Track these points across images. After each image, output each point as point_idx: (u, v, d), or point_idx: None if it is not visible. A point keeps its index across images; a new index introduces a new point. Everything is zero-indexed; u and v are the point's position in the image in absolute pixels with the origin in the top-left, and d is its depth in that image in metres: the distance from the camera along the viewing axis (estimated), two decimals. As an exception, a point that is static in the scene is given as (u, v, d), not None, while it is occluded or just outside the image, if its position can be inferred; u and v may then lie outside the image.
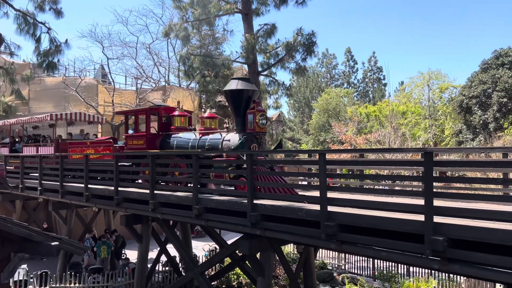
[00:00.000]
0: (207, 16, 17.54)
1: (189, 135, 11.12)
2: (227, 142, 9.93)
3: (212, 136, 10.50)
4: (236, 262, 12.07)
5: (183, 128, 11.80)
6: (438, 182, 6.55)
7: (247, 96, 9.78)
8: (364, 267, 17.07)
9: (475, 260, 5.23)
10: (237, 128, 10.05)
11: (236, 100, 9.89)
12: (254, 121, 9.59)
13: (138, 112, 12.75)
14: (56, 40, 15.94)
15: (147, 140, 11.85)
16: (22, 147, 18.26)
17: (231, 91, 9.86)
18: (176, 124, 11.78)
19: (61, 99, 27.05)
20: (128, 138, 12.48)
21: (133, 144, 12.25)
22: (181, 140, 11.17)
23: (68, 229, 15.34)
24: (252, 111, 9.63)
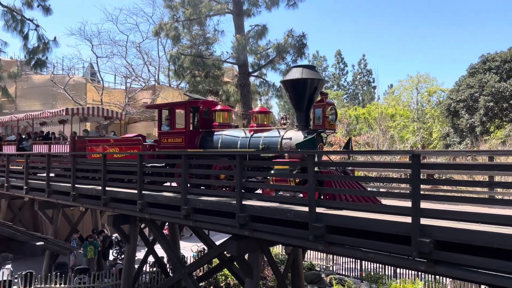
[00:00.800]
0: (198, 16, 17.50)
1: (238, 133, 9.92)
2: (288, 141, 8.70)
3: (268, 134, 9.28)
4: (224, 263, 12.04)
5: (226, 124, 10.69)
6: (425, 184, 6.60)
7: (313, 87, 8.51)
8: (352, 268, 17.17)
9: (461, 262, 5.28)
10: (299, 124, 8.86)
11: (299, 91, 8.60)
12: (323, 116, 8.39)
13: (176, 106, 11.28)
14: (44, 38, 15.77)
15: (187, 137, 10.51)
16: (31, 145, 16.64)
17: (292, 81, 8.55)
18: (219, 120, 10.65)
19: (48, 97, 26.73)
20: (163, 135, 11.09)
21: (168, 142, 10.92)
22: (228, 138, 9.93)
23: (54, 229, 15.13)
24: (320, 104, 8.46)
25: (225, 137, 9.99)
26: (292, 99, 8.87)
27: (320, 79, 8.56)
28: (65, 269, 15.43)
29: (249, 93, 18.19)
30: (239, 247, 8.18)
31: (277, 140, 8.92)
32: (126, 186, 11.04)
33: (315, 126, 8.53)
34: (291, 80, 8.53)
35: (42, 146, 15.81)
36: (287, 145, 8.67)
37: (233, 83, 22.81)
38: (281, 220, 7.23)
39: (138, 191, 9.94)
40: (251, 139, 9.42)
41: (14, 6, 15.37)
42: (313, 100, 8.61)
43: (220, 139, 10.03)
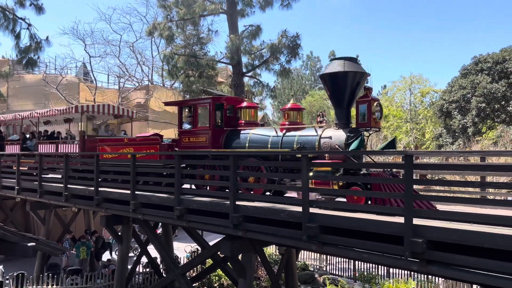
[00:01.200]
0: (192, 16, 17.45)
1: (268, 131, 9.29)
2: (327, 140, 8.01)
3: (303, 133, 8.63)
4: (218, 263, 12.01)
5: (253, 122, 9.98)
6: (418, 184, 6.64)
7: (355, 82, 7.88)
8: (345, 268, 17.23)
9: (453, 262, 5.32)
10: (339, 122, 8.23)
11: (340, 86, 7.90)
12: (369, 112, 7.70)
13: (198, 103, 10.42)
14: (37, 37, 15.57)
15: (212, 136, 9.80)
16: (36, 145, 15.62)
17: (333, 75, 7.85)
18: (245, 118, 9.96)
19: (41, 97, 26.54)
20: (184, 134, 10.41)
21: (190, 141, 10.24)
22: (257, 137, 9.25)
23: (46, 230, 15.01)
24: (365, 99, 7.82)
25: (254, 136, 9.31)
26: (332, 95, 8.22)
27: (363, 72, 7.92)
28: (57, 270, 15.30)
29: (243, 93, 18.17)
30: (233, 247, 8.17)
31: (314, 139, 8.23)
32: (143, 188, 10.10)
33: (359, 124, 7.90)
34: (331, 73, 7.84)
35: (48, 146, 14.91)
36: (327, 144, 7.92)
37: (227, 83, 22.79)
38: (274, 220, 7.23)
39: (131, 191, 9.88)
40: (284, 138, 8.73)
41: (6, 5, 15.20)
42: (355, 96, 8.01)
43: (248, 138, 9.35)
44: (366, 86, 7.90)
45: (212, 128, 9.83)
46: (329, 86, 8.13)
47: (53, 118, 16.38)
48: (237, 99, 10.68)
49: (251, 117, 10.03)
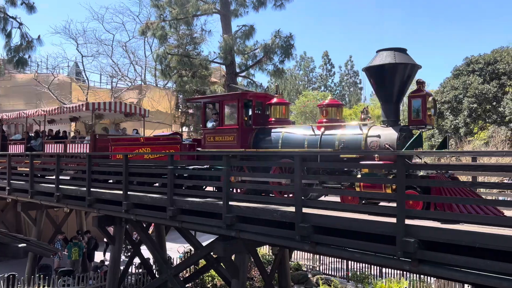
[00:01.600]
0: (185, 16, 17.41)
1: (303, 130, 8.54)
2: (375, 139, 7.33)
3: (345, 131, 7.93)
4: (211, 264, 11.97)
5: (284, 120, 9.32)
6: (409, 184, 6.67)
7: (406, 74, 7.27)
8: (338, 268, 17.28)
9: (445, 262, 5.35)
10: (387, 119, 7.57)
11: (389, 79, 7.26)
12: (424, 108, 7.08)
13: (225, 99, 9.71)
14: (28, 36, 15.44)
15: (241, 135, 9.09)
16: (42, 144, 14.65)
17: (380, 68, 7.22)
18: (276, 115, 9.29)
19: (32, 97, 26.29)
20: (208, 133, 9.70)
21: (215, 141, 9.54)
22: (292, 136, 8.55)
23: (38, 231, 14.88)
24: (419, 94, 7.20)
25: (288, 135, 8.60)
26: (378, 89, 7.56)
27: (414, 64, 7.28)
28: (49, 271, 15.17)
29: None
30: (226, 248, 8.16)
31: (360, 138, 7.53)
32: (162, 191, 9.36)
33: (412, 121, 7.27)
34: (379, 66, 7.20)
35: (56, 146, 14.01)
36: (375, 144, 7.25)
37: (220, 83, 22.77)
38: (267, 220, 7.23)
39: (123, 191, 9.83)
40: (323, 137, 8.02)
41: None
42: (405, 90, 7.48)
43: (281, 138, 8.63)
44: (418, 80, 7.40)
45: (240, 127, 9.11)
46: (375, 80, 7.44)
47: (59, 117, 15.62)
48: (266, 95, 10.02)
49: (282, 114, 9.33)
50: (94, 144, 12.52)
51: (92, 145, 12.52)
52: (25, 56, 15.14)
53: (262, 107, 9.66)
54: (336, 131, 7.99)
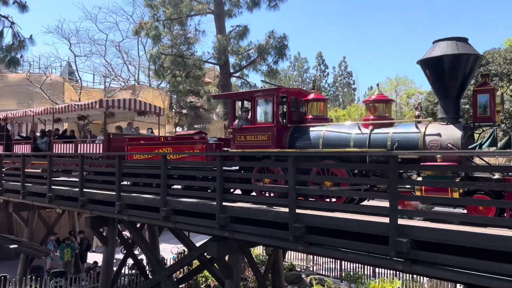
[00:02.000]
0: (179, 16, 17.38)
1: (347, 128, 7.86)
2: (436, 138, 6.71)
3: (398, 129, 7.28)
4: (205, 264, 11.95)
5: (322, 118, 8.68)
6: (402, 184, 6.71)
7: (468, 67, 6.61)
8: (332, 268, 17.34)
9: (437, 261, 5.38)
10: (447, 116, 6.99)
11: (450, 72, 6.62)
12: (492, 104, 6.53)
13: (259, 95, 8.96)
14: (20, 35, 15.35)
15: (276, 134, 8.40)
16: (51, 143, 13.88)
17: (439, 59, 6.57)
18: (314, 112, 8.67)
19: (24, 96, 26.09)
20: (238, 132, 8.99)
21: (247, 140, 8.84)
22: (334, 135, 7.85)
23: (30, 232, 14.75)
24: (486, 89, 6.67)
25: (329, 134, 7.90)
26: (436, 83, 6.93)
27: (477, 55, 6.60)
28: (41, 272, 15.06)
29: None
30: (220, 248, 8.14)
31: (416, 137, 6.89)
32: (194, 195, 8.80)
33: (478, 118, 6.74)
34: (438, 57, 6.54)
35: (65, 146, 13.19)
36: (435, 143, 6.66)
37: (214, 83, 22.72)
38: (261, 221, 7.24)
39: (116, 192, 9.77)
40: (372, 136, 7.36)
41: (-12, 3, 14.96)
42: (466, 84, 6.88)
43: (322, 137, 7.94)
44: (483, 72, 6.97)
45: (276, 125, 8.43)
46: (433, 73, 6.76)
47: (67, 115, 14.89)
48: (300, 91, 9.34)
49: (320, 111, 8.65)
50: (108, 144, 11.77)
51: (106, 145, 11.75)
52: (17, 56, 15.04)
53: (297, 103, 9.03)
54: (387, 129, 7.32)
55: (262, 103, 8.92)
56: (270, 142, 8.42)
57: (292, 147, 8.26)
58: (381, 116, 7.73)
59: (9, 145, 15.42)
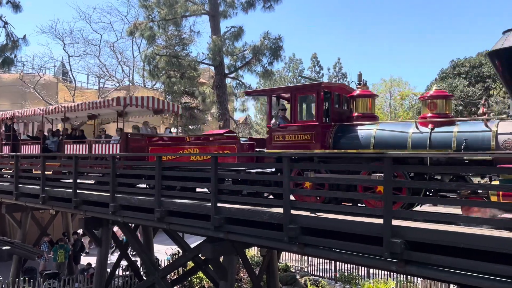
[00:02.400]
0: (174, 16, 17.34)
1: (403, 126, 7.29)
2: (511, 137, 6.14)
3: (463, 127, 6.69)
4: (199, 266, 11.93)
5: (370, 115, 8.06)
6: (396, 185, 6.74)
7: None
8: (326, 269, 17.36)
9: (430, 262, 5.42)
10: None
11: None
12: None
13: (299, 91, 8.38)
14: (13, 35, 15.23)
15: (321, 133, 7.81)
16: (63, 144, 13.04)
17: None
18: (361, 110, 8.06)
19: (18, 97, 25.92)
20: (276, 131, 8.37)
21: (286, 140, 8.20)
22: (387, 134, 7.25)
23: (23, 233, 14.64)
24: None
25: (382, 133, 7.28)
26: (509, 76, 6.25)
27: None
28: (34, 274, 14.95)
29: (226, 94, 18.17)
30: (214, 249, 8.13)
31: (487, 136, 6.30)
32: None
33: None
34: None
35: (78, 147, 12.38)
36: (511, 143, 6.09)
37: (209, 84, 22.70)
38: (256, 222, 7.24)
39: (110, 193, 9.73)
40: (434, 135, 6.75)
41: (-19, 2, 14.83)
42: None
43: (373, 136, 7.31)
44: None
45: (321, 123, 7.81)
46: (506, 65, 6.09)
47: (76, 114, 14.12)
48: (343, 86, 8.76)
49: (367, 108, 8.03)
50: (126, 144, 11.07)
51: (124, 146, 11.05)
52: (11, 56, 14.92)
53: (340, 100, 8.42)
54: (450, 127, 6.74)
55: (304, 100, 8.32)
56: (314, 142, 7.80)
57: (338, 147, 7.63)
58: (441, 114, 7.12)
59: (16, 145, 14.59)
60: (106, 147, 11.66)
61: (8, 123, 15.04)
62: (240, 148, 8.88)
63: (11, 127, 14.89)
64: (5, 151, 14.62)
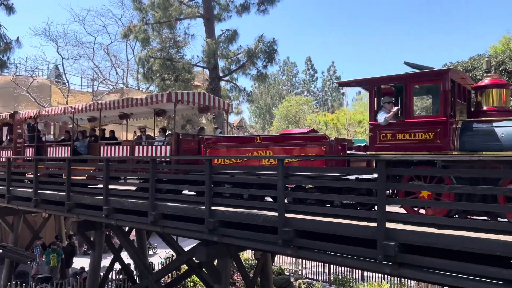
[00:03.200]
0: (168, 19, 17.36)
1: None
2: None
3: None
4: (193, 269, 11.88)
5: (504, 109, 6.75)
6: (390, 188, 6.77)
7: None
8: (321, 272, 17.38)
9: (424, 265, 5.44)
10: None
11: None
12: None
13: (416, 79, 6.83)
14: (7, 37, 15.20)
15: (448, 131, 6.37)
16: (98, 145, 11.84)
17: None
18: (493, 103, 6.82)
19: (10, 99, 25.72)
20: (383, 129, 6.86)
21: (396, 139, 6.73)
22: None
23: (15, 237, 14.51)
24: None
25: None
26: None
27: None
28: (26, 278, 14.80)
29: (220, 97, 18.19)
30: (208, 252, 8.11)
31: None
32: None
33: None
34: None
35: (116, 149, 11.04)
36: None
37: (203, 87, 22.70)
38: (250, 225, 7.23)
39: (104, 196, 9.67)
40: None
41: (-26, 4, 14.76)
42: None
43: None
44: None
45: (448, 119, 6.38)
46: None
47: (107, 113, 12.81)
48: (465, 76, 7.40)
49: (501, 101, 6.75)
50: (177, 146, 9.73)
51: (175, 148, 9.71)
52: (4, 58, 14.85)
53: (464, 91, 7.24)
54: None
55: (422, 91, 7.12)
56: (438, 142, 6.37)
57: (466, 147, 6.29)
58: None
59: (40, 147, 13.17)
60: (150, 149, 10.25)
61: (32, 123, 13.65)
62: (329, 149, 7.54)
63: (35, 128, 13.42)
64: (29, 154, 13.23)
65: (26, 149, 13.45)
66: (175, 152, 9.72)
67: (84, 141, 12.59)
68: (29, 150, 13.30)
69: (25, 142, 13.70)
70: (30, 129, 13.86)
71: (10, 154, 13.97)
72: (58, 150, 12.46)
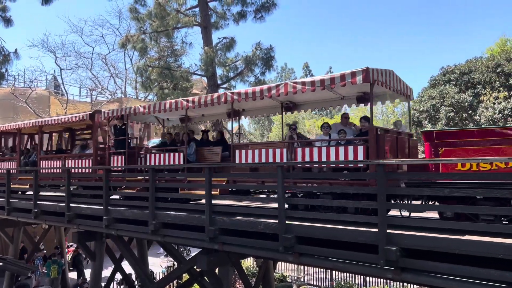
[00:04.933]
0: (166, 28, 17.42)
1: None
2: None
3: None
4: (195, 278, 11.81)
5: None
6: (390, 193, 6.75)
7: None
8: (323, 278, 17.29)
9: (427, 269, 5.41)
10: None
11: None
12: None
13: None
14: (5, 50, 15.23)
15: None
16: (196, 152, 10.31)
17: None
18: None
19: (9, 111, 25.77)
20: None
21: None
22: None
23: (15, 249, 14.43)
24: None
25: None
26: None
27: None
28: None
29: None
30: (209, 261, 8.08)
31: None
32: None
33: None
34: None
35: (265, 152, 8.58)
36: None
37: (202, 95, 22.71)
38: (251, 232, 7.20)
39: (104, 206, 9.65)
40: None
41: (-28, 17, 14.83)
42: None
43: None
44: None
45: None
46: None
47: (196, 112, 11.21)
48: None
49: None
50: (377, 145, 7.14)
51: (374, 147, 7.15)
52: (2, 70, 14.89)
53: None
54: None
55: None
56: None
57: None
58: None
59: (132, 154, 11.07)
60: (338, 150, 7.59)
61: (119, 124, 11.49)
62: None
63: (125, 131, 11.25)
64: (117, 163, 11.04)
65: (113, 157, 11.18)
66: (375, 154, 7.16)
67: (192, 145, 10.35)
68: (116, 159, 11.08)
69: (110, 149, 11.41)
70: (117, 133, 11.48)
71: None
72: (170, 157, 10.10)
